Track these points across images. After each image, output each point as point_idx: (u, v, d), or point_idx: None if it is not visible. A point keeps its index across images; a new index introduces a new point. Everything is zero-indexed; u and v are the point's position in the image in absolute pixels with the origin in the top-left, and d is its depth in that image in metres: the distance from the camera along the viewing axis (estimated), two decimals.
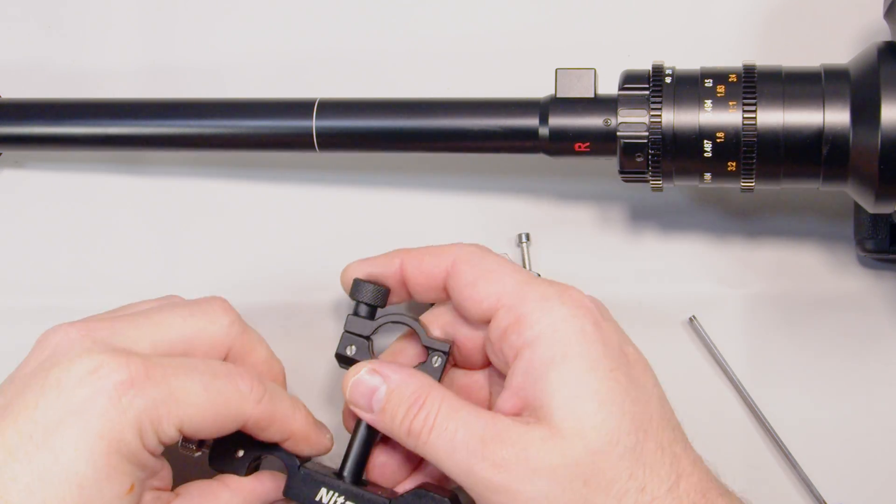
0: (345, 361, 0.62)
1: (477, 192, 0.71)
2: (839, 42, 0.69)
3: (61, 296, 0.71)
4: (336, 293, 0.70)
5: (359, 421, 0.61)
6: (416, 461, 0.62)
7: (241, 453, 0.62)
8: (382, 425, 0.58)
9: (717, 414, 0.66)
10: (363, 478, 0.62)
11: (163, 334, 0.59)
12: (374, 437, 0.62)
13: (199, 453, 0.61)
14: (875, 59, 0.59)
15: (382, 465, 0.62)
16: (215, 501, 0.60)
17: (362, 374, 0.59)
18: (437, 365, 0.61)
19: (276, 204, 0.71)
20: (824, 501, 0.66)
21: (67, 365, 0.55)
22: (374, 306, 0.62)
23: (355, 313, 0.62)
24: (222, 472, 0.62)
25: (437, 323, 0.63)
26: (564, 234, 0.70)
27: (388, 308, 0.63)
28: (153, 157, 0.72)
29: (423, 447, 0.57)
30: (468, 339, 0.62)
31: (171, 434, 0.56)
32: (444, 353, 0.61)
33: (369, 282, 0.62)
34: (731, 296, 0.68)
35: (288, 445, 0.61)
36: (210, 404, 0.57)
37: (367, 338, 0.62)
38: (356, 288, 0.62)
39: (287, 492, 0.62)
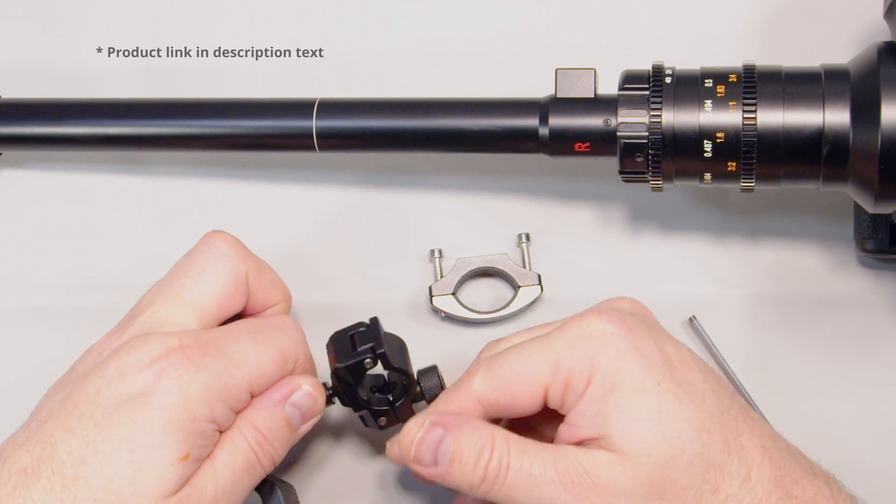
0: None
1: (477, 192, 0.71)
2: (839, 42, 0.69)
3: (61, 296, 0.71)
4: (334, 293, 0.70)
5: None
6: None
7: None
8: (450, 477, 0.57)
9: None
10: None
11: (198, 305, 0.60)
12: None
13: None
14: (875, 59, 0.59)
15: None
16: (230, 433, 0.59)
17: (426, 429, 0.57)
18: None
19: (276, 204, 0.71)
20: None
21: (125, 356, 0.57)
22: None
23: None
24: None
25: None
26: (564, 234, 0.70)
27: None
28: (153, 157, 0.72)
29: (498, 490, 0.56)
30: None
31: (243, 397, 0.58)
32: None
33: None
34: (731, 296, 0.68)
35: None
36: (266, 356, 0.59)
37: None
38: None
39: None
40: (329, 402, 0.62)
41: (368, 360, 0.60)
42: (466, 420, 0.57)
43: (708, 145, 0.60)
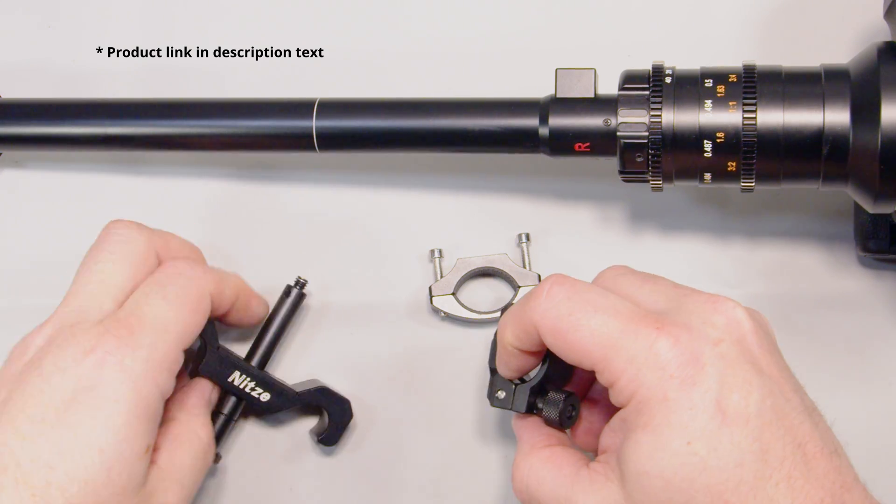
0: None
1: (477, 192, 0.71)
2: (839, 42, 0.69)
3: (61, 296, 0.71)
4: (335, 293, 0.70)
5: (275, 311, 0.67)
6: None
7: None
8: None
9: None
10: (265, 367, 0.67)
11: (112, 285, 0.61)
12: (283, 331, 0.67)
13: None
14: (875, 59, 0.59)
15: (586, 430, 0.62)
16: (189, 429, 0.62)
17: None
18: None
19: (276, 204, 0.71)
20: None
21: (59, 352, 0.57)
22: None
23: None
24: None
25: None
26: (564, 234, 0.70)
27: None
28: (153, 157, 0.72)
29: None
30: None
31: (179, 360, 0.59)
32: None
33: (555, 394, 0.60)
34: (731, 296, 0.68)
35: (238, 308, 0.64)
36: (183, 309, 0.60)
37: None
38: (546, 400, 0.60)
39: (203, 369, 0.64)
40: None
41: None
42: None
43: (708, 145, 0.60)
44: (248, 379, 0.65)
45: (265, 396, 0.65)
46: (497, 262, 0.69)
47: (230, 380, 0.65)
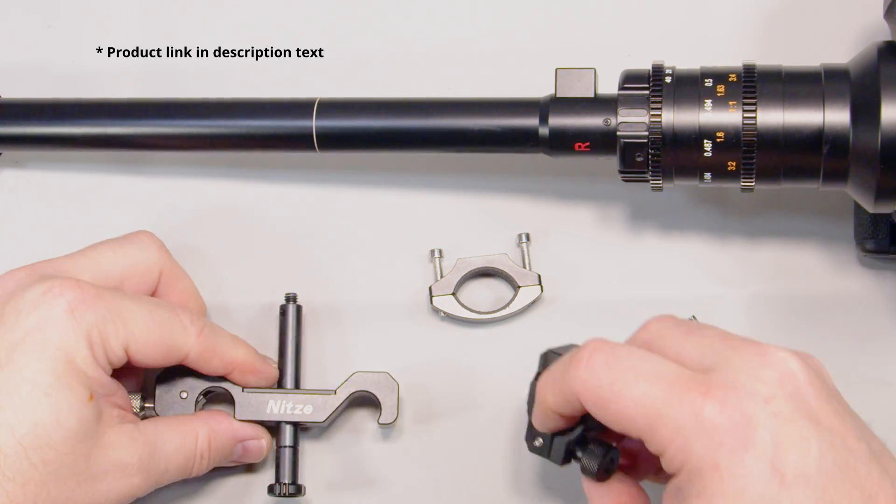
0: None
1: (477, 192, 0.71)
2: (839, 42, 0.69)
3: None
4: (334, 293, 0.70)
5: (283, 333, 0.67)
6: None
7: (184, 395, 0.64)
8: None
9: None
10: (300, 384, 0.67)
11: (99, 265, 0.62)
12: (299, 347, 0.67)
13: (143, 412, 0.64)
14: (875, 59, 0.59)
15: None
16: (189, 426, 0.63)
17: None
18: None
19: (276, 204, 0.71)
20: None
21: (20, 295, 0.58)
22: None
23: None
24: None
25: None
26: (564, 234, 0.70)
27: None
28: (153, 157, 0.72)
29: None
30: None
31: (118, 353, 0.59)
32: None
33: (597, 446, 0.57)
34: (731, 296, 0.68)
35: (235, 377, 0.64)
36: (155, 329, 0.60)
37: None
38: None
39: (239, 414, 0.64)
40: None
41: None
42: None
43: (708, 145, 0.60)
44: (284, 400, 0.65)
45: (308, 409, 0.65)
46: (497, 262, 0.69)
47: (269, 411, 0.65)
